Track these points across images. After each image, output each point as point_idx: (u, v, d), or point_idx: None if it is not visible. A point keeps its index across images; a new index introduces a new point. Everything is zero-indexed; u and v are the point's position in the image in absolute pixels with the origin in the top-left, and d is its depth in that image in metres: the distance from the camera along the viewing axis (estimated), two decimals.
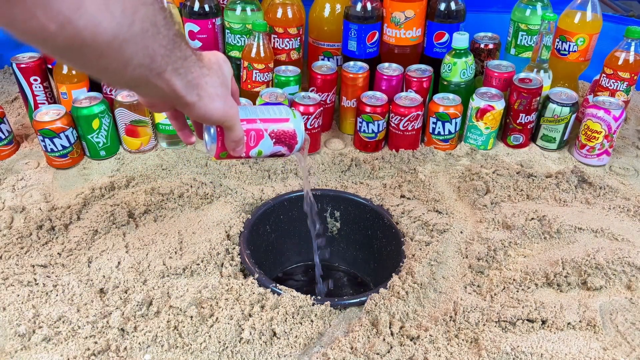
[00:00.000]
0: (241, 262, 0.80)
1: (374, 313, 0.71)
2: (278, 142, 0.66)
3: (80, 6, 0.36)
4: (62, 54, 0.40)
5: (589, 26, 1.09)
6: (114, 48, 0.40)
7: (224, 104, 0.55)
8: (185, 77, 0.49)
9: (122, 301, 0.71)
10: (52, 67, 1.05)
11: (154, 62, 0.45)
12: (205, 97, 0.52)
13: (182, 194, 0.92)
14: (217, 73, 0.55)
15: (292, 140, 0.67)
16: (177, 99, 0.51)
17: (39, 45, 0.39)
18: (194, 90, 0.51)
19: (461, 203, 0.94)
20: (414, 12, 1.09)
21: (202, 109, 0.53)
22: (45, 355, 0.64)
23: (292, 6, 1.14)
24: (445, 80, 1.11)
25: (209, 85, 0.53)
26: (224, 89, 0.56)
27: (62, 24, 0.36)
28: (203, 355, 0.65)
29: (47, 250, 0.80)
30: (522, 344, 0.65)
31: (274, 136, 0.65)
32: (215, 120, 0.56)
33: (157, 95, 0.51)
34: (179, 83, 0.48)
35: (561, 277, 0.76)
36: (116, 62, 0.42)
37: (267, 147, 0.65)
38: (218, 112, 0.55)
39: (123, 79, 0.46)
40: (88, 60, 0.41)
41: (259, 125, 0.64)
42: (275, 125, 0.65)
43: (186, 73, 0.49)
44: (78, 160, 1.01)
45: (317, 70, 1.09)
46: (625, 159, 1.08)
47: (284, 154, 0.68)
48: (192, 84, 0.50)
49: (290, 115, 0.66)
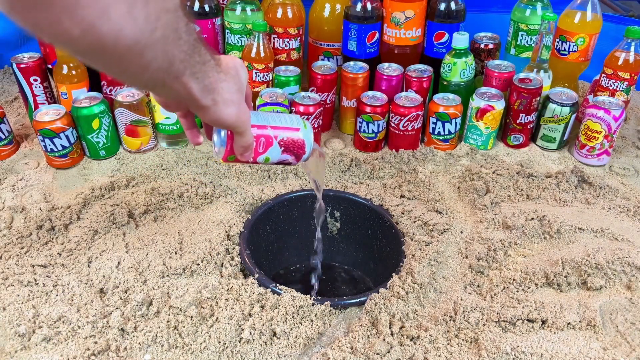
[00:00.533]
0: (241, 262, 0.80)
1: (374, 313, 0.71)
2: (286, 150, 0.66)
3: (104, 13, 0.37)
4: (84, 56, 0.41)
5: (589, 26, 1.09)
6: (134, 53, 0.41)
7: (238, 110, 0.56)
8: (202, 81, 0.50)
9: (122, 301, 0.71)
10: (52, 67, 1.05)
11: (173, 66, 0.46)
12: (220, 102, 0.53)
13: (182, 194, 0.92)
14: (234, 79, 0.55)
15: (300, 150, 0.67)
16: (192, 102, 0.51)
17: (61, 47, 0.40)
18: (210, 95, 0.52)
19: (461, 203, 0.94)
20: (414, 12, 1.09)
21: (216, 114, 0.54)
22: (45, 355, 0.64)
23: (292, 6, 1.14)
24: (445, 80, 1.11)
25: (224, 91, 0.53)
26: (239, 95, 0.56)
27: (85, 30, 0.37)
28: (203, 355, 0.65)
29: (47, 250, 0.80)
30: (522, 344, 0.65)
31: (282, 144, 0.65)
32: (228, 125, 0.57)
33: (173, 97, 0.52)
34: (195, 87, 0.49)
35: (561, 277, 0.76)
36: (135, 66, 0.43)
37: (275, 154, 0.66)
38: (231, 118, 0.55)
39: (141, 81, 0.47)
40: (108, 62, 0.43)
41: (269, 132, 0.64)
42: (285, 133, 0.65)
43: (203, 78, 0.50)
44: (78, 160, 1.01)
45: (317, 70, 1.09)
46: (625, 159, 1.08)
47: (291, 162, 0.68)
48: (208, 89, 0.51)
49: (301, 125, 0.67)
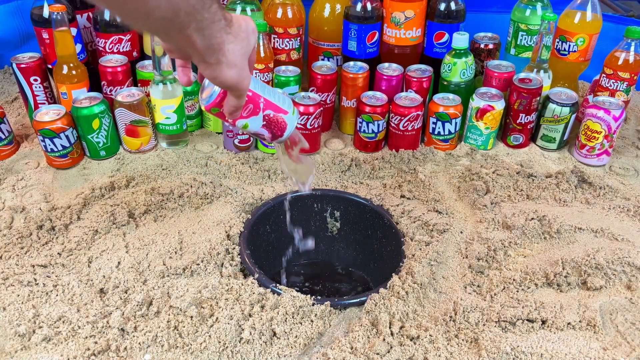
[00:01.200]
0: (241, 262, 0.80)
1: (374, 313, 0.71)
2: (267, 126, 0.67)
3: None
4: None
5: (589, 26, 1.09)
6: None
7: (239, 74, 0.56)
8: (208, 39, 0.50)
9: (122, 301, 0.72)
10: (52, 67, 1.05)
11: (177, 18, 0.46)
12: (224, 63, 0.54)
13: (182, 194, 0.92)
14: (242, 42, 0.55)
15: (279, 131, 0.69)
16: (195, 56, 0.52)
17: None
18: (214, 54, 0.52)
19: (461, 203, 0.94)
20: (414, 12, 1.09)
21: (216, 72, 0.54)
22: (45, 355, 0.64)
23: (292, 6, 1.14)
24: (445, 80, 1.11)
25: (230, 52, 0.54)
26: (243, 59, 0.57)
27: None
28: (203, 355, 0.65)
29: (47, 250, 0.80)
30: (522, 344, 0.65)
31: (266, 119, 0.67)
32: (227, 86, 0.58)
33: (177, 46, 0.55)
34: (199, 43, 0.50)
35: (561, 277, 0.76)
36: (137, 11, 0.44)
37: (256, 125, 0.67)
38: (232, 80, 0.56)
39: (144, 26, 0.49)
40: (116, 3, 0.45)
41: (260, 102, 0.65)
42: (273, 111, 0.67)
43: (210, 36, 0.50)
44: (78, 160, 1.01)
45: (317, 70, 1.09)
46: (625, 159, 1.08)
47: (265, 138, 0.70)
48: (213, 48, 0.52)
49: (291, 110, 0.68)
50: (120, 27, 1.08)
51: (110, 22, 1.07)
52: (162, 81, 0.99)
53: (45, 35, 1.05)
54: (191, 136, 1.11)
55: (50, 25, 0.98)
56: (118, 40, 1.09)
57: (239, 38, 0.55)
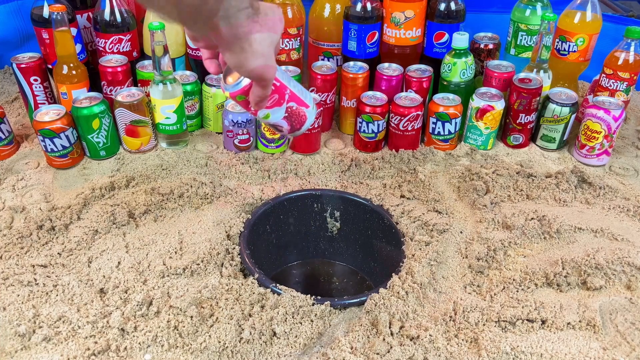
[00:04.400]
0: (241, 262, 0.80)
1: (373, 313, 0.71)
2: (289, 117, 0.67)
3: None
4: None
5: (589, 26, 1.09)
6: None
7: (265, 64, 0.55)
8: (235, 28, 0.50)
9: (122, 301, 0.72)
10: (52, 67, 1.05)
11: (206, 4, 0.46)
12: (249, 52, 0.53)
13: (182, 194, 0.92)
14: (270, 31, 0.54)
15: (299, 125, 0.69)
16: (221, 45, 0.52)
17: None
18: (240, 43, 0.52)
19: (461, 203, 0.94)
20: (414, 12, 1.09)
21: (242, 61, 0.53)
22: (45, 355, 0.64)
23: (292, 6, 1.14)
24: (445, 80, 1.11)
25: (256, 42, 0.53)
26: (270, 49, 0.56)
27: None
28: (203, 355, 0.65)
29: (47, 250, 0.80)
30: (522, 343, 0.65)
31: (289, 111, 0.66)
32: (252, 76, 0.57)
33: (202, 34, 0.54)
34: (226, 31, 0.49)
35: (561, 277, 0.76)
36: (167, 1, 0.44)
37: (277, 116, 0.67)
38: (258, 70, 0.55)
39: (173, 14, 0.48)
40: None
41: (286, 94, 0.65)
42: (296, 103, 0.67)
43: (237, 25, 0.50)
44: (78, 160, 1.01)
45: (317, 70, 1.09)
46: (625, 159, 1.08)
47: (283, 131, 0.70)
48: (239, 37, 0.51)
49: (312, 104, 0.69)
50: (120, 27, 1.08)
51: (110, 22, 1.07)
52: (162, 81, 0.99)
53: (45, 35, 1.05)
54: (191, 136, 1.11)
55: (50, 25, 0.98)
56: (118, 40, 1.09)
57: (266, 27, 0.53)
